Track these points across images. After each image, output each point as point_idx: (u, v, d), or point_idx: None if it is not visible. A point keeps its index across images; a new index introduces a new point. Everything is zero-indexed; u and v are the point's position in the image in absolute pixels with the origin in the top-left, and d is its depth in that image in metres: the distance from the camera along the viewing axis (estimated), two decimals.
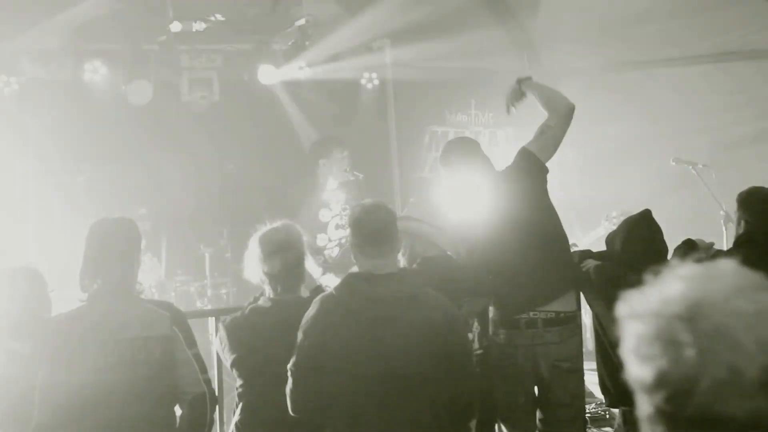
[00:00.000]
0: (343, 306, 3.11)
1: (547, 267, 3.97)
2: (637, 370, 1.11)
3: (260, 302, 3.47)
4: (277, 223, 3.51)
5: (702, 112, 7.69)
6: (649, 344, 1.08)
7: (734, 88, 7.58)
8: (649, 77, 8.06)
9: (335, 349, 3.04)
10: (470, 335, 3.96)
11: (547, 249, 4.03)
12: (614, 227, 6.02)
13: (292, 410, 3.10)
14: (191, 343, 3.23)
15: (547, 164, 4.16)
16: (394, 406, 3.02)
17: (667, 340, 1.07)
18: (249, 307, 3.48)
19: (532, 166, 4.06)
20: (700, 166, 6.07)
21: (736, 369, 1.03)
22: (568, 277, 4.05)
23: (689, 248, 4.29)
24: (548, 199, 4.16)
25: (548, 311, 3.92)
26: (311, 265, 5.54)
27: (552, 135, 4.11)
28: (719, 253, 4.42)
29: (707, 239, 4.50)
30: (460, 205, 4.18)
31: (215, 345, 3.76)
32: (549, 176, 4.13)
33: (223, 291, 7.10)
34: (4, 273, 3.60)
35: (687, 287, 1.09)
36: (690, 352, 1.05)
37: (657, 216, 4.13)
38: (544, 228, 4.06)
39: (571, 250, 4.42)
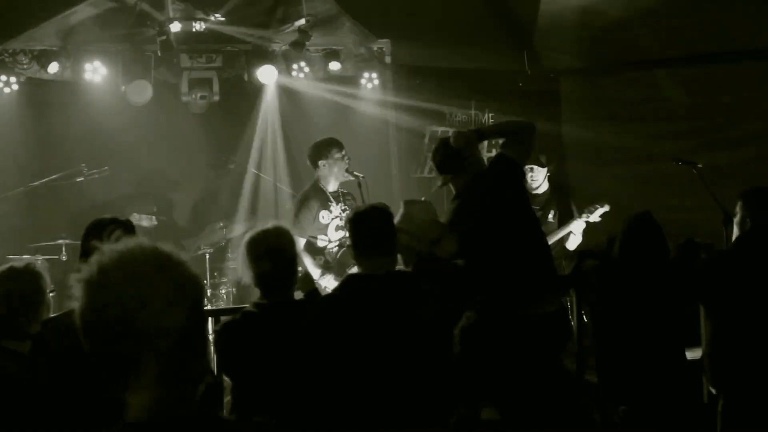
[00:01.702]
0: (343, 306, 3.12)
1: (533, 272, 4.03)
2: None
3: (250, 306, 3.47)
4: (268, 225, 3.48)
5: (702, 112, 7.69)
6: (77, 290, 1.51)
7: (734, 88, 7.58)
8: (649, 77, 8.06)
9: (335, 349, 3.05)
10: None
11: (533, 255, 4.09)
12: (587, 221, 6.10)
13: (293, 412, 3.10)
14: None
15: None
16: (394, 404, 3.03)
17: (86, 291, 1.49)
18: (241, 312, 3.47)
19: (513, 174, 4.19)
20: (700, 166, 6.07)
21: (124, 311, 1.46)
22: (551, 284, 4.13)
23: (689, 248, 4.29)
24: (530, 205, 4.33)
25: (533, 312, 3.98)
26: (310, 266, 5.55)
27: (524, 146, 4.29)
28: (720, 253, 4.43)
29: (707, 239, 4.51)
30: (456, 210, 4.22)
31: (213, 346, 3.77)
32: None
33: (223, 291, 7.11)
34: (5, 273, 3.60)
35: (100, 258, 1.51)
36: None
37: (657, 216, 4.14)
38: (529, 235, 4.13)
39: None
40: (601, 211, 6.19)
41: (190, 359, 1.52)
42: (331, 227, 5.78)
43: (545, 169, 6.36)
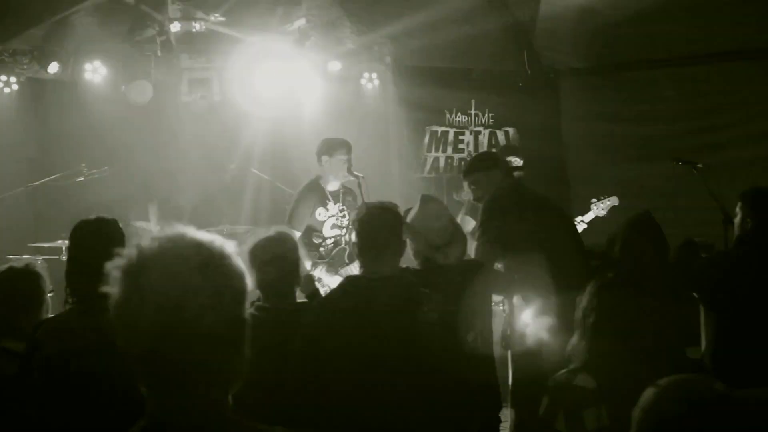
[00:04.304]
0: (340, 309, 3.12)
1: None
2: None
3: (253, 310, 3.46)
4: (271, 232, 3.48)
5: (702, 112, 7.69)
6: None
7: (733, 88, 7.58)
8: (649, 77, 8.06)
9: (332, 352, 3.04)
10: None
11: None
12: (603, 212, 6.06)
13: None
14: None
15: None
16: (393, 408, 3.02)
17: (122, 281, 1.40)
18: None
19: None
20: (700, 166, 6.06)
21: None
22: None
23: (689, 248, 4.29)
24: None
25: None
26: (303, 257, 5.61)
27: None
28: (720, 253, 4.43)
29: (707, 239, 4.51)
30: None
31: None
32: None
33: None
34: (5, 273, 3.59)
35: (141, 246, 1.41)
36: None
37: (657, 216, 4.14)
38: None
39: None
40: (609, 204, 6.11)
41: (223, 364, 1.41)
42: (327, 225, 5.79)
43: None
